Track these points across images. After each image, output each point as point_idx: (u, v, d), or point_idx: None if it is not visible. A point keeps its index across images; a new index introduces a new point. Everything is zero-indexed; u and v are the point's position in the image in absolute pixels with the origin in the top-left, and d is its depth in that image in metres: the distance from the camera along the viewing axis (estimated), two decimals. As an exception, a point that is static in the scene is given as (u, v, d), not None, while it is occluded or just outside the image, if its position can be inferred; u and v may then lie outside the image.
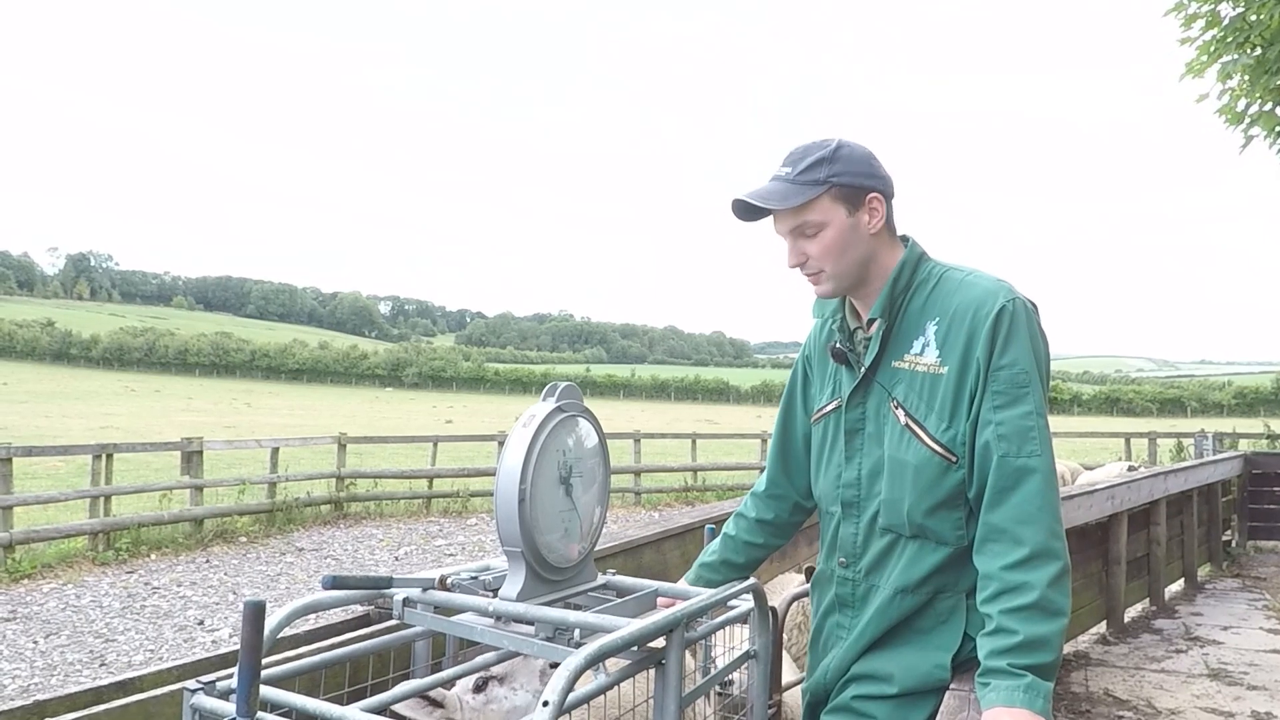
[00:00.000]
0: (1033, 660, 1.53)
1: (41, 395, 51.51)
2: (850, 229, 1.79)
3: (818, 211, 1.77)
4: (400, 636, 1.96)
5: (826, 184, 1.75)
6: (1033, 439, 1.65)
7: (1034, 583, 1.58)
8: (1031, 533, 1.61)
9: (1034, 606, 1.56)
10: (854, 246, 1.80)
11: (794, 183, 1.76)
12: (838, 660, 1.91)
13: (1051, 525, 1.62)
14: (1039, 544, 1.60)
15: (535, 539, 1.85)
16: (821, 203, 1.76)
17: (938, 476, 1.74)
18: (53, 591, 8.83)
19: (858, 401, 1.88)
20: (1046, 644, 1.55)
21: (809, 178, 1.76)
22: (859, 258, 1.81)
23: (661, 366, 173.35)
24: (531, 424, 1.90)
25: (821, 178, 1.75)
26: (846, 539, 1.91)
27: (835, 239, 1.78)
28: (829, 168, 1.76)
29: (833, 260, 1.79)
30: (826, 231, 1.78)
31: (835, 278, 1.82)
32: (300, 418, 38.54)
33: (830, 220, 1.77)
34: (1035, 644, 1.54)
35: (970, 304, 1.74)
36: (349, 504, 14.11)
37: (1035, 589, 1.57)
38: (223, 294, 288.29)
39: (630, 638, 1.57)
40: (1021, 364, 1.68)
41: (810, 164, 1.76)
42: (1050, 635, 1.55)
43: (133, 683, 1.76)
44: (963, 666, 1.80)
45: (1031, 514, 1.62)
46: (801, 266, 1.83)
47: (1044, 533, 1.61)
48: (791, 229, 1.80)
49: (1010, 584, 1.60)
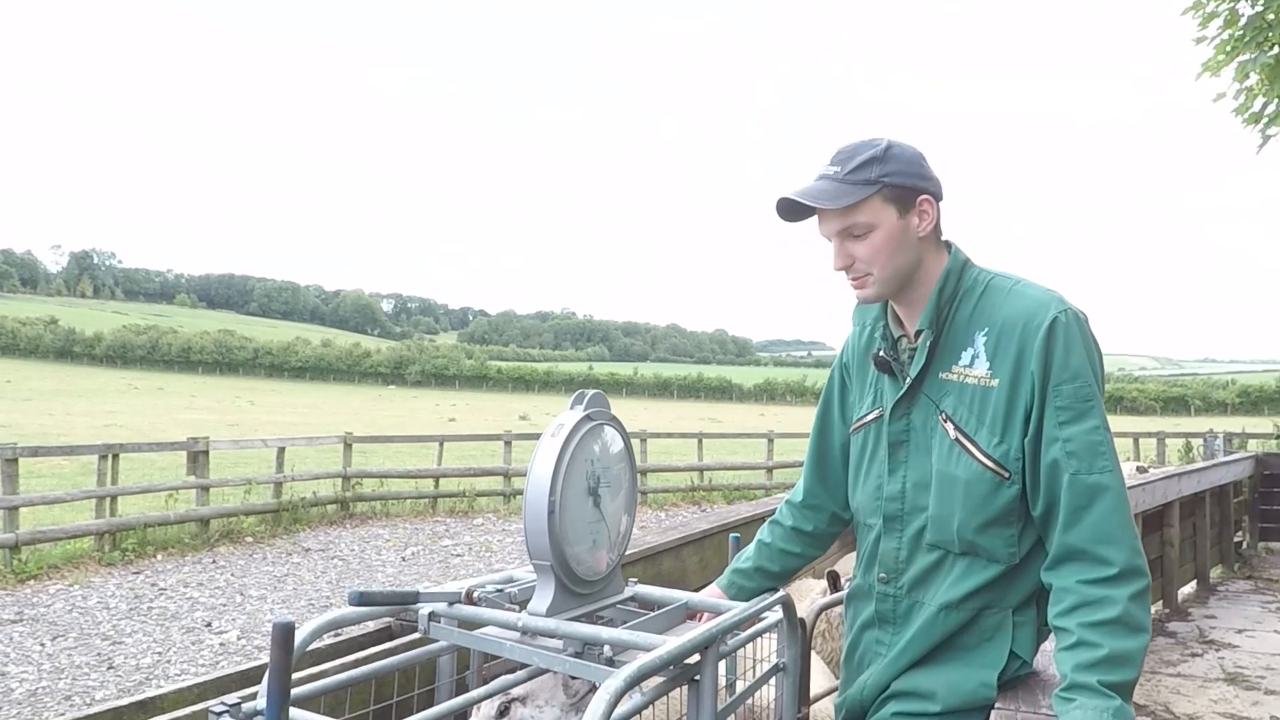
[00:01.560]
0: (1119, 677, 1.48)
1: (45, 393, 51.55)
2: (900, 231, 1.73)
3: (868, 212, 1.70)
4: (426, 652, 1.91)
5: (878, 184, 1.69)
6: (1103, 454, 1.60)
7: (1116, 597, 1.53)
8: (1115, 552, 1.56)
9: (1117, 621, 1.51)
10: (903, 250, 1.74)
11: (843, 182, 1.69)
12: (876, 676, 1.86)
13: (1133, 542, 1.58)
14: (1125, 562, 1.55)
15: (564, 551, 1.80)
16: (872, 203, 1.70)
17: (989, 493, 1.69)
18: (59, 593, 8.79)
19: (902, 412, 1.83)
20: (1131, 660, 1.50)
21: (860, 177, 1.69)
22: (907, 262, 1.75)
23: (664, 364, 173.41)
24: (560, 434, 1.84)
25: (873, 177, 1.69)
26: (888, 553, 1.85)
27: (885, 241, 1.72)
28: (880, 167, 1.70)
29: (881, 264, 1.73)
30: (876, 233, 1.71)
31: (882, 282, 1.75)
32: (303, 416, 38.52)
33: (880, 222, 1.71)
34: (1120, 660, 1.49)
35: (1021, 315, 1.69)
36: (355, 504, 14.08)
37: (1118, 603, 1.52)
38: (226, 292, 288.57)
39: (669, 657, 1.52)
40: (1084, 377, 1.63)
41: (861, 163, 1.70)
42: (1134, 652, 1.50)
43: (153, 702, 1.71)
44: (1007, 685, 1.75)
45: (1111, 532, 1.57)
46: (847, 269, 1.76)
47: (1127, 551, 1.56)
48: (839, 230, 1.73)
49: (1091, 598, 1.55)
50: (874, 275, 1.74)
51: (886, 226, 1.71)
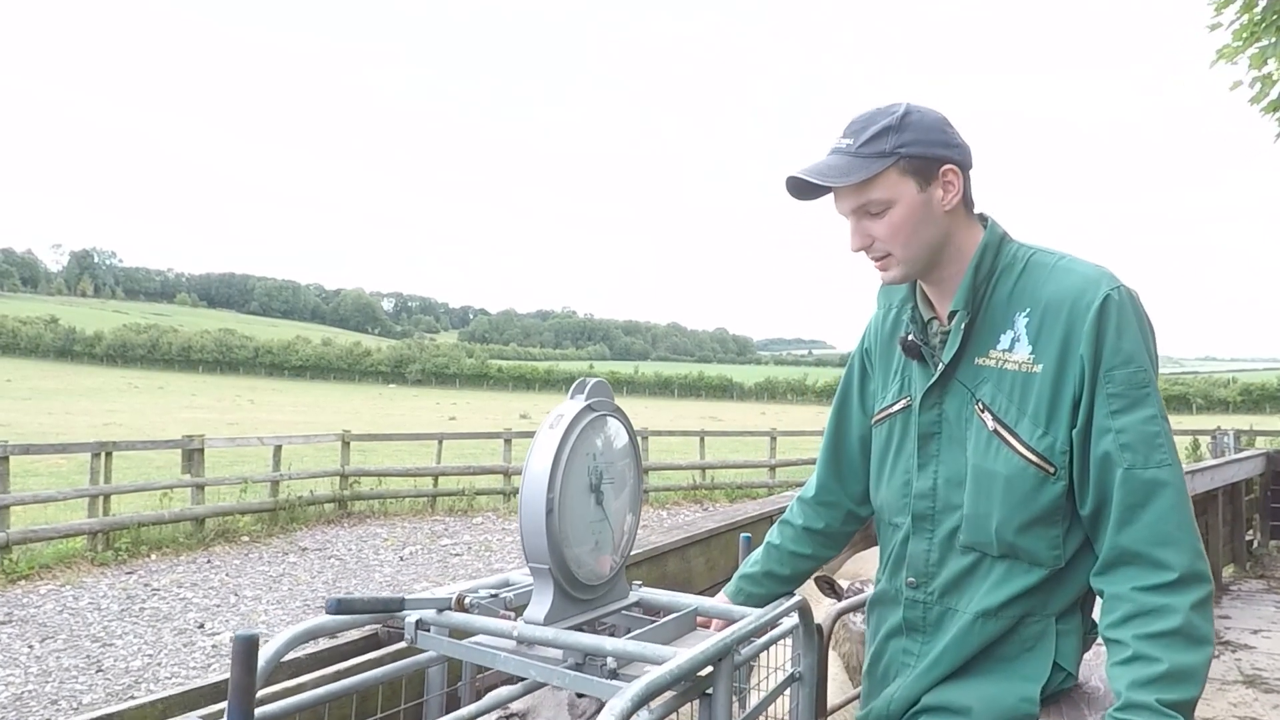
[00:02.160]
0: (1180, 695, 1.33)
1: (45, 392, 51.48)
2: (922, 206, 1.57)
3: (884, 188, 1.55)
4: (413, 663, 1.77)
5: (893, 156, 1.54)
6: (1160, 447, 1.45)
7: (1177, 607, 1.37)
8: (1174, 555, 1.40)
9: (1177, 633, 1.36)
10: (926, 226, 1.58)
11: (856, 155, 1.55)
12: (905, 690, 1.70)
13: (1194, 545, 1.42)
14: (1185, 566, 1.40)
15: (564, 554, 1.65)
16: (888, 177, 1.55)
17: (1033, 489, 1.53)
18: (50, 593, 8.65)
19: (933, 402, 1.67)
20: (1194, 676, 1.35)
21: (873, 149, 1.54)
22: (932, 239, 1.59)
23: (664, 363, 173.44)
24: (559, 425, 1.69)
25: (888, 149, 1.54)
26: (917, 556, 1.70)
27: (905, 218, 1.56)
28: (896, 137, 1.54)
29: (902, 242, 1.58)
30: (894, 210, 1.56)
31: (905, 262, 1.60)
32: (304, 414, 38.42)
33: (898, 197, 1.56)
34: (1182, 676, 1.34)
35: (1068, 293, 1.53)
36: (353, 503, 13.94)
37: (1178, 613, 1.37)
38: (226, 291, 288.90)
39: (679, 672, 1.38)
40: (1138, 361, 1.48)
41: (875, 134, 1.54)
42: (1197, 666, 1.36)
43: (113, 717, 1.56)
44: (1048, 700, 1.59)
45: (1170, 533, 1.41)
46: (867, 250, 1.61)
47: (1188, 554, 1.41)
48: (854, 208, 1.58)
49: (1148, 606, 1.39)
50: (896, 255, 1.59)
51: (906, 201, 1.56)
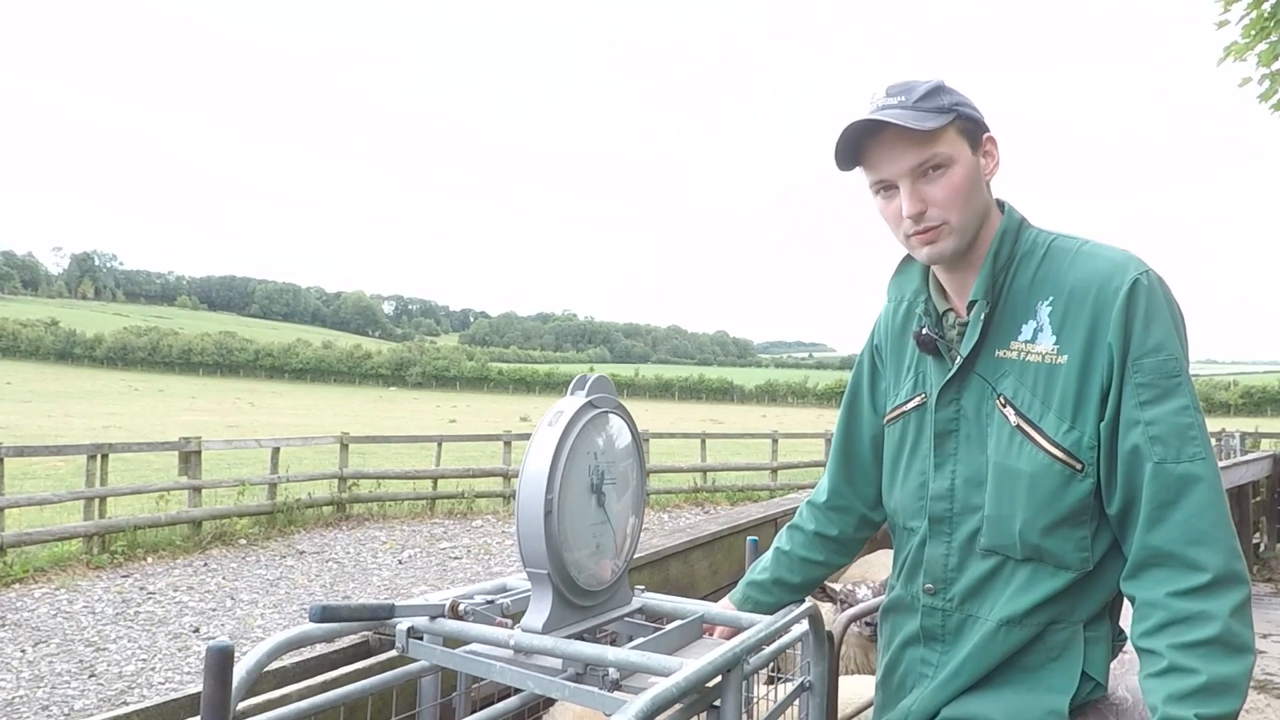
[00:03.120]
0: (1220, 709, 1.24)
1: (45, 395, 51.43)
2: (975, 170, 1.48)
3: (946, 143, 1.44)
4: (404, 673, 1.68)
5: (952, 113, 1.44)
6: (1193, 439, 1.35)
7: (1214, 612, 1.28)
8: (1209, 555, 1.31)
9: (1216, 641, 1.27)
10: (977, 194, 1.49)
11: (915, 109, 1.43)
12: (923, 702, 1.61)
13: (1230, 543, 1.33)
14: (1221, 567, 1.30)
15: (564, 558, 1.56)
16: (949, 133, 1.44)
17: (1059, 488, 1.44)
18: (44, 596, 8.55)
19: (951, 397, 1.58)
20: (1235, 687, 1.26)
21: (932, 104, 1.43)
22: (980, 210, 1.50)
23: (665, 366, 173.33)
24: (559, 422, 1.61)
25: (946, 104, 1.44)
26: (935, 561, 1.61)
27: (964, 179, 1.46)
28: (949, 96, 1.45)
29: (959, 208, 1.46)
30: (955, 169, 1.45)
31: (960, 230, 1.48)
32: (304, 417, 38.35)
33: (959, 156, 1.46)
34: (1222, 687, 1.25)
35: (1093, 279, 1.44)
36: (352, 505, 13.84)
37: (1217, 620, 1.28)
38: (227, 294, 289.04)
39: (686, 685, 1.29)
40: (1169, 349, 1.39)
41: (928, 91, 1.44)
42: (1238, 676, 1.26)
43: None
44: (1077, 711, 1.50)
45: (1205, 532, 1.32)
46: (918, 218, 1.47)
47: (1224, 554, 1.31)
48: (914, 166, 1.45)
49: (1183, 613, 1.30)
50: (951, 223, 1.47)
51: (964, 162, 1.46)
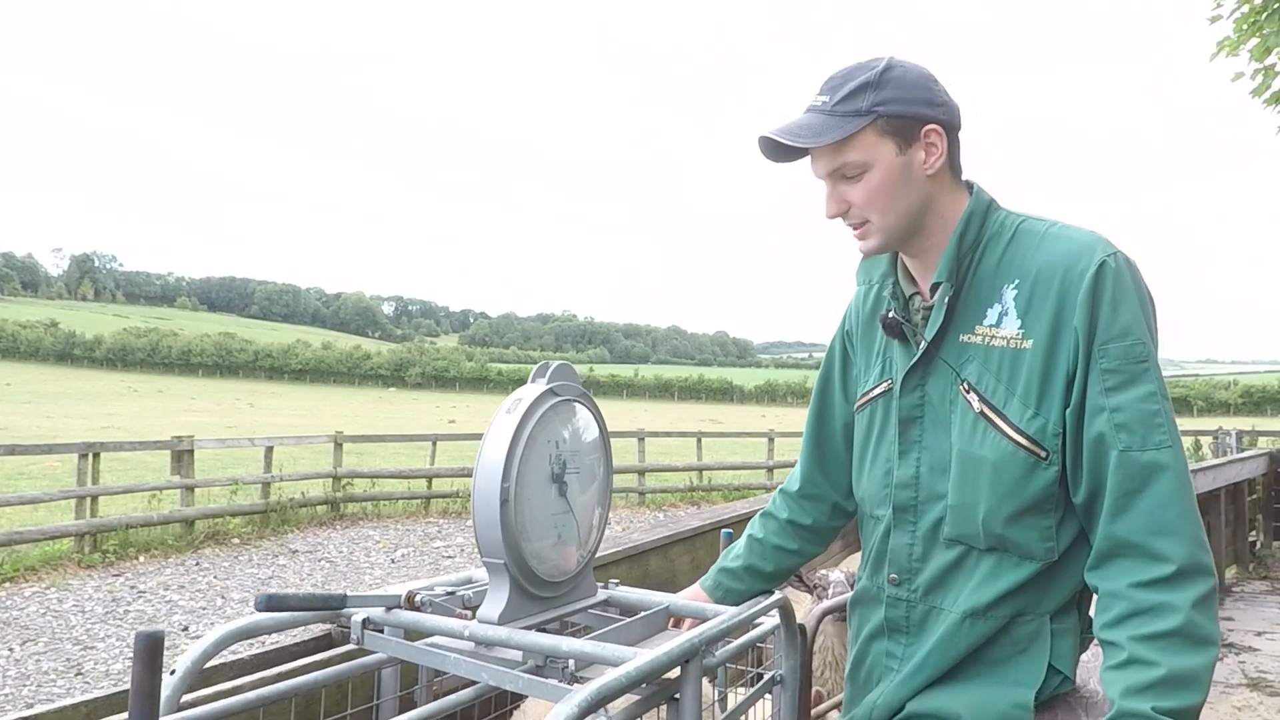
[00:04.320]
0: (1180, 702, 1.21)
1: (44, 396, 51.38)
2: (901, 170, 1.46)
3: (859, 149, 1.44)
4: (361, 664, 1.65)
5: (870, 115, 1.43)
6: (1159, 426, 1.32)
7: (1177, 604, 1.25)
8: (1173, 546, 1.28)
9: (1178, 633, 1.24)
10: (906, 191, 1.47)
11: (831, 114, 1.44)
12: (888, 696, 1.58)
13: (1196, 534, 1.30)
14: (1185, 558, 1.27)
15: (522, 548, 1.54)
16: (864, 138, 1.44)
17: (1022, 476, 1.41)
18: (34, 595, 8.54)
19: (916, 383, 1.55)
20: (1195, 680, 1.23)
21: (849, 108, 1.43)
22: (912, 205, 1.48)
23: (665, 366, 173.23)
24: (517, 409, 1.58)
25: (864, 107, 1.43)
26: (899, 550, 1.58)
27: (882, 182, 1.45)
28: (874, 94, 1.43)
29: (880, 208, 1.47)
30: (871, 173, 1.45)
31: (884, 230, 1.49)
32: (303, 418, 38.32)
33: (875, 159, 1.45)
34: (1182, 680, 1.22)
35: (1060, 261, 1.41)
36: (346, 504, 13.81)
37: (1179, 612, 1.25)
38: (227, 295, 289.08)
39: (637, 675, 1.26)
40: (1136, 333, 1.36)
41: (851, 91, 1.43)
42: (1200, 669, 1.23)
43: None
44: (1042, 705, 1.47)
45: (1170, 522, 1.29)
46: (843, 216, 1.51)
47: (1188, 544, 1.28)
48: (829, 171, 1.48)
49: (1145, 605, 1.27)
50: (874, 223, 1.48)
51: (884, 165, 1.45)
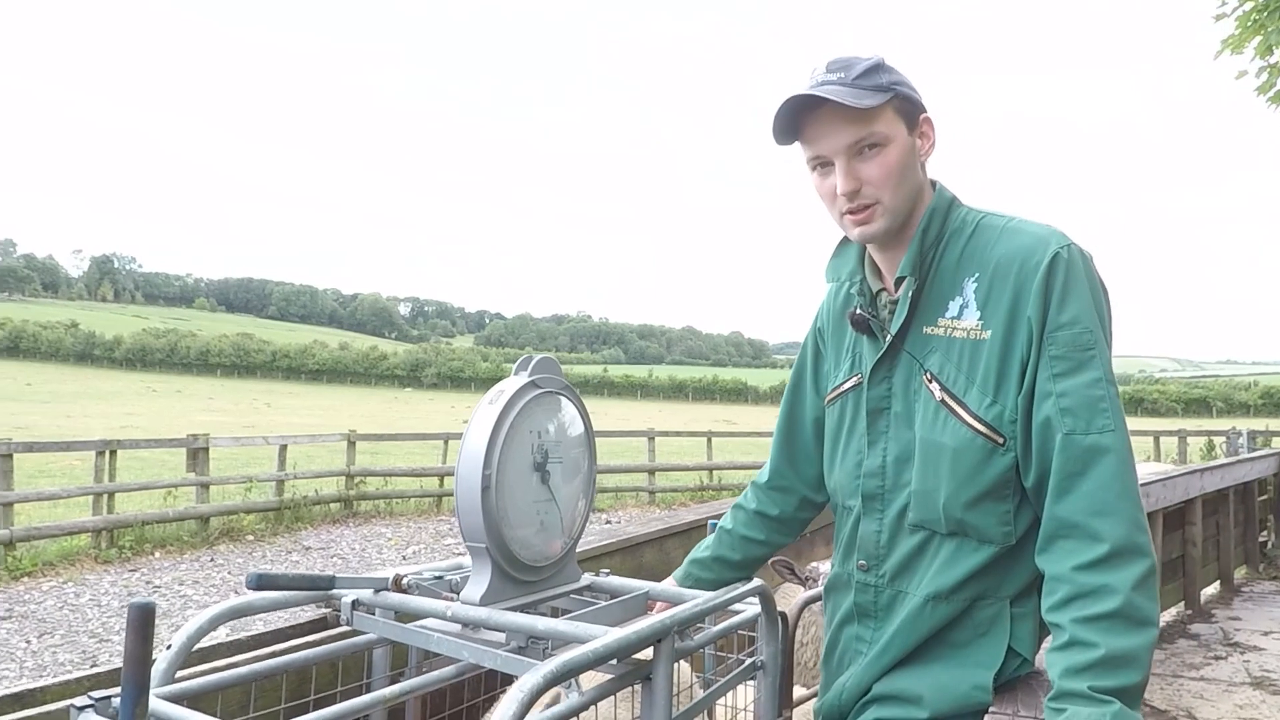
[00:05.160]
0: (1118, 681, 1.26)
1: (65, 395, 51.90)
2: (910, 151, 1.50)
3: (884, 122, 1.46)
4: (351, 644, 1.72)
5: (890, 92, 1.45)
6: (1104, 411, 1.37)
7: (1115, 585, 1.30)
8: (1110, 526, 1.33)
9: (1116, 615, 1.28)
10: (912, 174, 1.51)
11: (853, 86, 1.44)
12: (856, 678, 1.64)
13: (1134, 515, 1.34)
14: (1120, 539, 1.32)
15: (503, 533, 1.61)
16: (886, 113, 1.46)
17: (980, 462, 1.47)
18: (52, 590, 8.69)
19: (883, 375, 1.61)
20: (1134, 660, 1.27)
21: (871, 82, 1.45)
22: (913, 191, 1.53)
23: (679, 367, 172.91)
24: (499, 400, 1.65)
25: (885, 83, 1.46)
26: (868, 538, 1.63)
27: (899, 159, 1.48)
28: (888, 75, 1.47)
29: (893, 188, 1.48)
30: (890, 149, 1.47)
31: (892, 211, 1.50)
32: (319, 418, 38.56)
33: (895, 136, 1.47)
34: (1120, 660, 1.27)
35: (1016, 254, 1.46)
36: (359, 502, 13.94)
37: (1118, 593, 1.29)
38: (244, 295, 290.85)
39: (604, 651, 1.32)
40: (1084, 322, 1.40)
41: (867, 69, 1.46)
42: (1138, 649, 1.28)
43: (33, 694, 1.53)
44: (1004, 687, 1.53)
45: (1109, 503, 1.34)
46: (851, 196, 1.50)
47: (1125, 524, 1.33)
48: (850, 143, 1.46)
49: (1086, 587, 1.32)
50: (884, 203, 1.49)
51: (900, 142, 1.48)
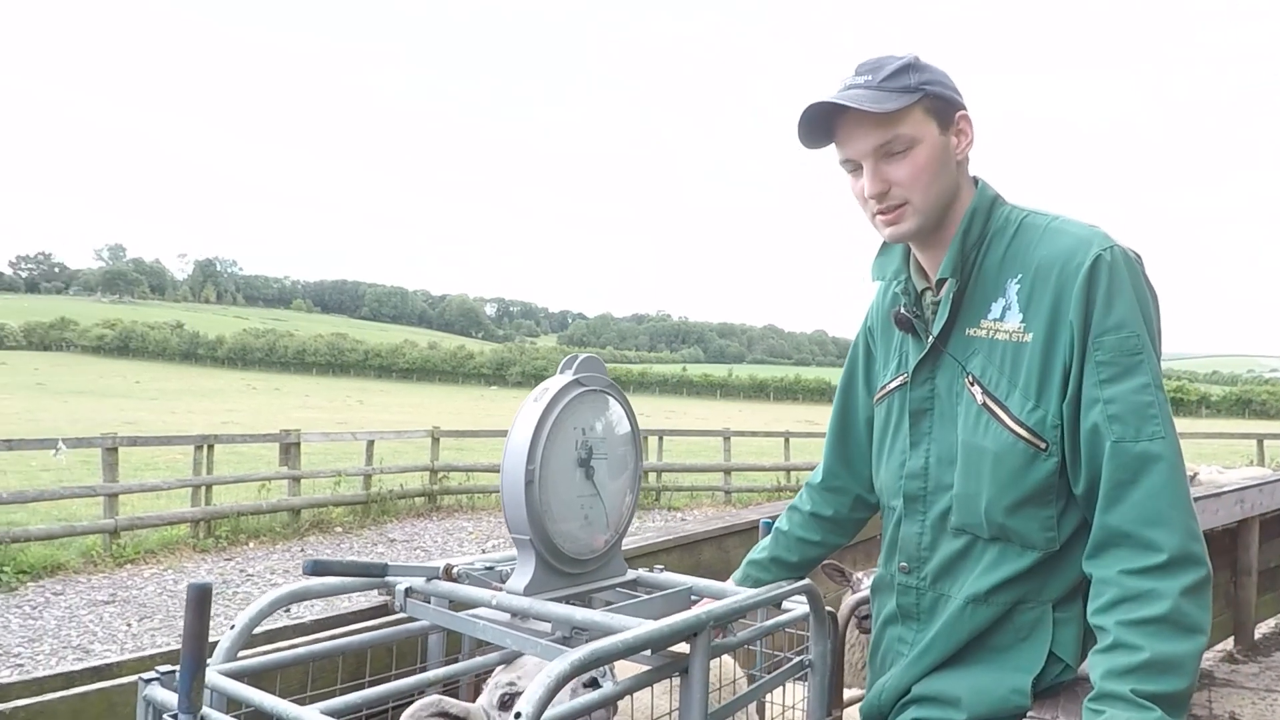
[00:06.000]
0: (1162, 687, 1.24)
1: (170, 393, 54.42)
2: (942, 150, 1.49)
3: (910, 124, 1.46)
4: (405, 630, 1.81)
5: (918, 92, 1.46)
6: (1153, 418, 1.35)
7: (1164, 590, 1.28)
8: (1165, 535, 1.31)
9: (1164, 620, 1.27)
10: (944, 173, 1.50)
11: (880, 89, 1.45)
12: (896, 678, 1.64)
13: (1188, 524, 1.32)
14: (1176, 548, 1.30)
15: (546, 526, 1.66)
16: (913, 114, 1.46)
17: (1022, 467, 1.45)
18: (152, 576, 9.17)
19: (925, 376, 1.60)
20: (1179, 667, 1.25)
21: (898, 84, 1.45)
22: (945, 190, 1.52)
23: (760, 366, 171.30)
24: (543, 398, 1.70)
25: (913, 84, 1.46)
26: (909, 540, 1.63)
27: (928, 159, 1.47)
28: (919, 75, 1.47)
29: (923, 188, 1.48)
30: (918, 150, 1.47)
31: (922, 212, 1.50)
32: (408, 414, 39.58)
33: (923, 136, 1.47)
34: (1165, 665, 1.25)
35: (1058, 256, 1.45)
36: (441, 496, 14.29)
37: (1166, 598, 1.27)
38: (339, 297, 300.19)
39: (634, 642, 1.36)
40: (1130, 326, 1.38)
41: (895, 70, 1.47)
42: (1184, 656, 1.26)
43: (110, 668, 1.65)
44: (1046, 692, 1.51)
45: (1162, 512, 1.32)
46: (880, 198, 1.50)
47: (1180, 534, 1.31)
48: (876, 146, 1.47)
49: (1134, 591, 1.30)
50: (913, 204, 1.49)
51: (929, 142, 1.48)
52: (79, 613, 7.80)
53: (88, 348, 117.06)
